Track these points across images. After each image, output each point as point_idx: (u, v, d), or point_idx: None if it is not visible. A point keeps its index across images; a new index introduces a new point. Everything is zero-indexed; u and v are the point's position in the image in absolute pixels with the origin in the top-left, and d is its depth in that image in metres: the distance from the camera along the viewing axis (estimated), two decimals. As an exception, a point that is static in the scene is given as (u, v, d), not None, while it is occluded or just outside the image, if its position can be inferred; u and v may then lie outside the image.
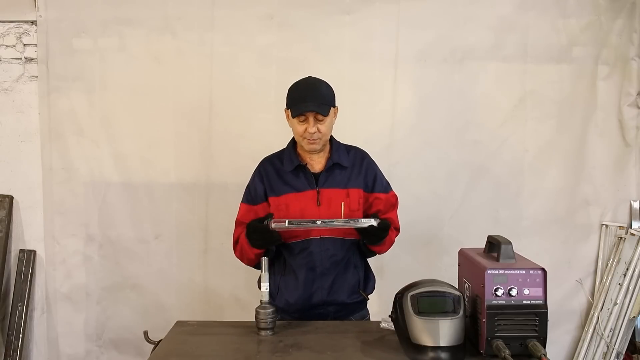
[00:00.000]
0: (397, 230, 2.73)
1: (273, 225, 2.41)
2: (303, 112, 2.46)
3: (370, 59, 3.71)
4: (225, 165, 3.72)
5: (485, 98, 3.74)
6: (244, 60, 3.72)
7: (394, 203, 2.73)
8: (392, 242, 2.70)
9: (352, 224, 2.43)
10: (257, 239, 2.47)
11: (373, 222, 2.39)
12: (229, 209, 2.85)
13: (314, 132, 2.48)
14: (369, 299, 2.71)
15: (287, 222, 2.41)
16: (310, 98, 2.47)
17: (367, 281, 2.71)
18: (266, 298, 2.29)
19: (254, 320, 2.29)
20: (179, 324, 2.43)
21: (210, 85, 3.72)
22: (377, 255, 2.73)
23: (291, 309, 2.59)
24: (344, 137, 2.75)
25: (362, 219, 2.42)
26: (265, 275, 2.29)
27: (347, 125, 3.11)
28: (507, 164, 3.77)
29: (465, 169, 3.75)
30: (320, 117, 2.47)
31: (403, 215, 2.78)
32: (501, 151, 3.76)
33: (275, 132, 3.11)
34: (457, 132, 3.74)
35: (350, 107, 3.42)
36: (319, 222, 2.43)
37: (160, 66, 3.73)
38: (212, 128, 3.74)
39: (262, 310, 2.27)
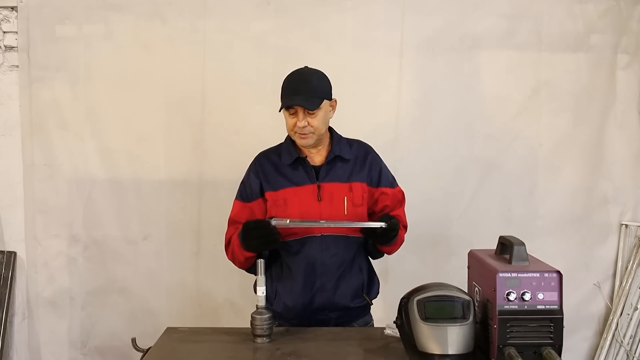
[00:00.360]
0: (405, 228, 2.74)
1: (274, 222, 2.40)
2: (291, 106, 2.47)
3: (374, 47, 3.71)
4: (219, 161, 3.73)
5: (497, 89, 3.74)
6: (238, 49, 3.71)
7: (401, 199, 2.74)
8: (402, 241, 2.70)
9: (360, 224, 2.47)
10: (255, 237, 2.43)
11: (383, 224, 2.41)
12: (222, 207, 2.85)
13: (304, 126, 2.49)
14: (372, 304, 2.71)
15: (289, 220, 2.43)
16: (299, 91, 2.47)
17: (371, 285, 2.71)
18: (262, 303, 2.28)
19: (250, 326, 2.28)
20: (169, 330, 2.43)
21: (202, 76, 3.72)
22: (384, 255, 2.74)
23: (290, 314, 2.58)
24: (346, 130, 2.75)
25: (371, 222, 2.47)
26: (261, 279, 2.29)
27: (348, 118, 3.11)
28: (520, 159, 3.77)
29: (475, 165, 3.76)
30: (311, 111, 2.48)
31: (409, 214, 2.78)
32: (514, 146, 3.76)
33: (272, 125, 3.10)
34: (467, 126, 3.74)
35: (352, 99, 3.42)
36: (323, 221, 2.48)
37: (149, 55, 3.72)
38: (204, 121, 3.74)
39: (259, 316, 2.26)
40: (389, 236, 2.48)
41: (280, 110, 2.50)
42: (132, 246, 3.80)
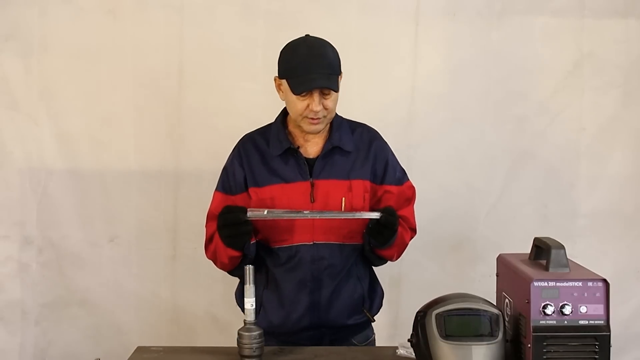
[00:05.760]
0: (413, 231, 2.73)
1: (249, 214, 2.40)
2: (310, 89, 2.43)
3: (385, 11, 3.70)
4: (199, 148, 3.72)
5: (531, 62, 3.74)
6: (223, 14, 3.70)
7: (409, 197, 2.72)
8: (405, 246, 2.70)
9: (351, 216, 2.46)
10: (225, 236, 2.45)
11: (377, 214, 2.40)
12: (203, 203, 2.83)
13: (320, 110, 2.46)
14: (374, 320, 2.72)
15: (266, 211, 2.43)
16: (316, 68, 2.43)
17: (373, 296, 2.72)
18: (252, 317, 2.27)
19: (236, 345, 2.28)
20: (140, 350, 2.43)
21: (180, 46, 3.71)
22: (387, 262, 2.74)
23: (276, 331, 2.58)
24: (351, 111, 2.75)
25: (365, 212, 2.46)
26: (250, 288, 2.28)
27: (354, 97, 3.11)
28: (559, 146, 3.78)
29: (505, 153, 3.77)
30: (327, 90, 2.45)
31: (426, 211, 2.78)
32: (551, 130, 3.77)
33: (263, 105, 3.11)
34: (496, 106, 3.74)
35: (358, 74, 3.42)
36: (306, 212, 2.47)
37: (116, 22, 3.71)
38: (182, 101, 3.73)
39: (247, 333, 2.25)
40: (385, 233, 2.46)
41: (297, 94, 2.44)
42: (95, 250, 3.79)
